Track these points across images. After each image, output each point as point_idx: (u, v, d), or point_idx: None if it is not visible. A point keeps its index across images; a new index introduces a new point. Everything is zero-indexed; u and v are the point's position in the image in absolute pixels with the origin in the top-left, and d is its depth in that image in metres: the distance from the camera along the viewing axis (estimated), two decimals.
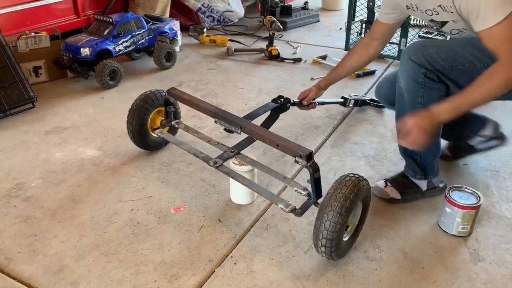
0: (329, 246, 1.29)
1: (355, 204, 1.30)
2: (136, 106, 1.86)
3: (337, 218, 1.25)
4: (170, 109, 1.91)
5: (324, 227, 1.27)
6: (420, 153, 1.59)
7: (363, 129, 2.21)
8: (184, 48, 3.34)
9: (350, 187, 1.29)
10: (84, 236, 1.51)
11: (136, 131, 1.87)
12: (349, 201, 1.27)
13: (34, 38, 2.63)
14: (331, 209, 1.26)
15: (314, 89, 2.03)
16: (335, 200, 1.26)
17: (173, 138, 1.87)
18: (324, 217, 1.26)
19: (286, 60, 3.12)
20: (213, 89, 2.68)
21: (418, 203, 1.67)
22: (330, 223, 1.26)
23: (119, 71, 2.66)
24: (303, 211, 1.40)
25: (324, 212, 1.27)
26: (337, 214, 1.25)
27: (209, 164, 1.61)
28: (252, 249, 1.46)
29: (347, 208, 1.26)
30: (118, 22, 2.67)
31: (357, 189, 1.30)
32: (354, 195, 1.28)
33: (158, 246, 1.47)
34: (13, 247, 1.46)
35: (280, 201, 1.44)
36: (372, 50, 1.86)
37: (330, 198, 1.28)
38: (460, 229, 1.50)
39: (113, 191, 1.75)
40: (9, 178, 1.82)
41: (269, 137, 1.47)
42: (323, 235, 1.27)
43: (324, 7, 4.57)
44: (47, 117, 2.33)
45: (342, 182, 1.31)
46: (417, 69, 1.44)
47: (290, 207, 1.40)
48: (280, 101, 1.92)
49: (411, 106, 1.51)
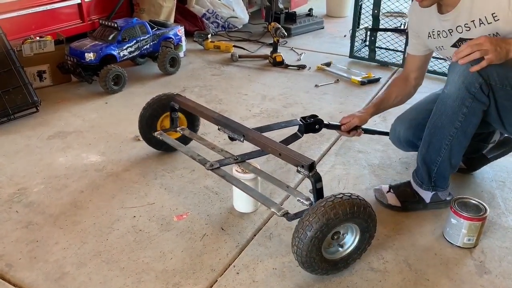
0: (301, 262, 1.29)
1: (328, 231, 1.26)
2: (157, 97, 1.90)
3: (304, 246, 1.24)
4: (175, 116, 1.90)
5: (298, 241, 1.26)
6: (440, 164, 1.55)
7: (368, 137, 2.19)
8: (188, 53, 3.34)
9: (320, 215, 1.23)
10: (86, 243, 1.50)
11: (145, 122, 1.91)
12: (319, 231, 1.23)
13: (39, 43, 2.63)
14: (302, 226, 1.25)
15: (358, 115, 1.80)
16: (303, 228, 1.25)
17: (172, 141, 1.86)
18: (295, 241, 1.26)
19: (290, 67, 3.12)
20: (217, 95, 2.67)
21: (423, 213, 1.66)
22: (298, 248, 1.26)
23: (123, 76, 2.66)
24: (296, 217, 1.37)
25: (296, 236, 1.26)
26: (306, 243, 1.24)
27: (205, 166, 1.60)
28: (255, 259, 1.44)
29: (316, 238, 1.24)
30: (123, 27, 2.68)
31: (327, 217, 1.23)
32: (323, 223, 1.23)
33: (160, 254, 1.46)
34: (14, 253, 1.45)
35: (273, 205, 1.43)
36: (412, 83, 1.79)
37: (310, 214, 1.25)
38: (465, 240, 1.48)
39: (116, 197, 1.74)
40: (11, 183, 1.81)
41: (271, 146, 1.45)
42: (297, 254, 1.28)
43: (328, 14, 4.57)
44: (50, 121, 2.33)
45: (315, 208, 1.26)
46: (475, 78, 1.37)
47: (282, 211, 1.39)
48: (306, 121, 1.72)
49: (454, 115, 1.45)
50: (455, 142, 1.49)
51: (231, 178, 1.56)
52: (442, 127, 1.49)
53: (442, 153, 1.52)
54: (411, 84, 1.79)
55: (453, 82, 1.43)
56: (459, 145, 1.50)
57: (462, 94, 1.41)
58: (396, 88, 1.83)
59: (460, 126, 1.45)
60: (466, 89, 1.40)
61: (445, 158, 1.52)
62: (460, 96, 1.41)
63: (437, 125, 1.51)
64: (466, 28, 1.45)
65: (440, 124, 1.50)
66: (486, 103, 1.41)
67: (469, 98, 1.41)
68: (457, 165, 1.58)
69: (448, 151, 1.51)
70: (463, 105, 1.42)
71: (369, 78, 2.85)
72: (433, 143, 1.53)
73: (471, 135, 1.49)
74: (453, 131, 1.47)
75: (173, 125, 1.92)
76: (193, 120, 1.99)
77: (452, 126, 1.47)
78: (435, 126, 1.51)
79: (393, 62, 3.08)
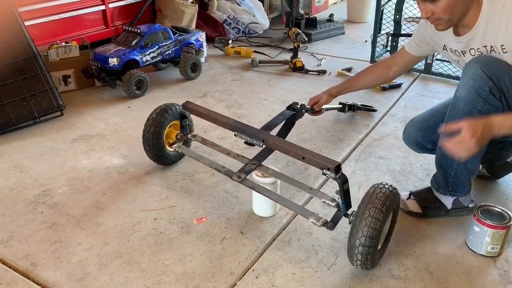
0: (365, 254, 1.28)
1: (388, 216, 1.30)
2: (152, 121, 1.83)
3: (372, 233, 1.25)
4: (186, 123, 1.90)
5: (359, 243, 1.27)
6: (456, 168, 1.53)
7: (389, 143, 2.17)
8: (209, 59, 3.37)
9: (383, 200, 1.28)
10: (108, 244, 1.53)
11: (156, 156, 1.88)
12: (382, 214, 1.26)
13: (65, 48, 2.70)
14: (365, 224, 1.25)
15: (324, 96, 2.04)
16: (368, 215, 1.26)
17: (192, 152, 1.84)
18: (359, 233, 1.26)
19: (311, 72, 3.12)
20: (237, 100, 2.69)
21: (445, 220, 1.63)
22: (365, 239, 1.26)
23: (145, 81, 2.70)
24: (335, 224, 1.38)
25: (359, 228, 1.26)
26: (372, 229, 1.25)
27: (232, 178, 1.59)
28: (274, 263, 1.45)
29: (381, 222, 1.26)
30: (146, 33, 2.72)
31: (390, 200, 1.29)
32: (387, 207, 1.27)
33: (180, 256, 1.47)
34: (38, 253, 1.49)
35: (311, 215, 1.43)
36: (390, 74, 1.92)
37: (363, 212, 1.27)
38: (489, 249, 1.45)
39: (137, 199, 1.76)
40: (36, 185, 1.86)
41: (294, 149, 1.45)
42: (358, 251, 1.28)
43: (349, 20, 4.55)
44: (74, 125, 2.38)
45: (374, 195, 1.29)
46: (485, 81, 1.38)
47: (322, 221, 1.39)
48: (296, 108, 1.94)
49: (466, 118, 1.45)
50: None
51: (261, 189, 1.55)
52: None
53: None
54: (388, 75, 1.92)
55: (463, 86, 1.44)
56: None
57: (472, 97, 1.41)
58: (373, 75, 1.97)
59: None
60: (476, 93, 1.40)
61: (460, 162, 1.51)
62: (471, 99, 1.41)
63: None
64: (478, 52, 1.47)
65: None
66: (499, 107, 1.40)
67: (480, 102, 1.40)
68: (474, 170, 1.56)
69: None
70: (474, 108, 1.41)
71: (391, 83, 2.82)
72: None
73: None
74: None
75: (184, 133, 1.92)
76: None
77: None
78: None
79: (414, 67, 3.05)
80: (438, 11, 1.39)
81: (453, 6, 1.37)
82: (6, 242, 1.53)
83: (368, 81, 1.99)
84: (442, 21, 1.43)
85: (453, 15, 1.40)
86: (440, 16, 1.41)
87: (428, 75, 3.00)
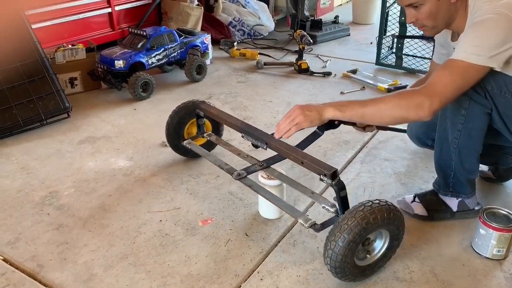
0: (333, 269, 1.28)
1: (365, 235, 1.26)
2: (183, 105, 1.93)
3: (341, 250, 1.24)
4: (201, 122, 1.93)
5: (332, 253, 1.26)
6: (455, 168, 1.54)
7: (394, 145, 2.17)
8: (214, 61, 3.38)
9: (359, 219, 1.24)
10: (113, 245, 1.54)
11: (173, 129, 1.93)
12: (357, 236, 1.23)
13: (71, 50, 2.72)
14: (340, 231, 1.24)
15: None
16: (339, 230, 1.24)
17: (200, 149, 1.88)
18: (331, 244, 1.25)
19: (316, 74, 3.12)
20: (242, 102, 2.70)
21: (451, 223, 1.63)
22: (333, 252, 1.25)
23: (151, 83, 2.71)
24: (323, 228, 1.37)
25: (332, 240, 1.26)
26: (342, 247, 1.24)
27: (232, 176, 1.61)
28: (278, 265, 1.45)
29: (354, 242, 1.24)
30: (152, 35, 2.74)
31: (367, 221, 1.24)
32: (362, 228, 1.24)
33: (185, 258, 1.48)
34: (45, 254, 1.50)
35: (300, 216, 1.43)
36: None
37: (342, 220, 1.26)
38: (495, 252, 1.44)
39: (143, 201, 1.77)
40: (43, 186, 1.87)
41: (294, 154, 1.45)
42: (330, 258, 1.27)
43: (355, 21, 4.55)
44: (81, 127, 2.40)
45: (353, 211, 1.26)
46: None
47: (310, 222, 1.38)
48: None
49: (454, 117, 1.46)
50: (462, 146, 1.47)
51: (258, 187, 1.56)
52: (447, 130, 1.50)
53: (453, 157, 1.51)
54: None
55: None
56: (467, 148, 1.48)
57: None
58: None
59: (463, 128, 1.45)
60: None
61: (457, 162, 1.51)
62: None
63: (444, 129, 1.52)
64: None
65: (445, 127, 1.50)
66: (488, 106, 1.40)
67: (466, 100, 1.41)
68: (472, 169, 1.55)
69: (458, 155, 1.50)
70: (461, 107, 1.43)
71: (396, 85, 2.82)
72: (444, 147, 1.53)
73: (478, 139, 1.46)
74: (457, 134, 1.47)
75: (200, 132, 1.95)
76: (218, 125, 2.02)
77: (455, 129, 1.47)
78: (442, 130, 1.53)
79: (420, 69, 3.04)
80: (421, 18, 1.40)
81: (436, 13, 1.38)
82: (13, 243, 1.55)
83: None
84: (427, 28, 1.44)
85: (437, 21, 1.41)
86: (424, 23, 1.42)
87: None
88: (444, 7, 1.37)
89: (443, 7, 1.37)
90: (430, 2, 1.36)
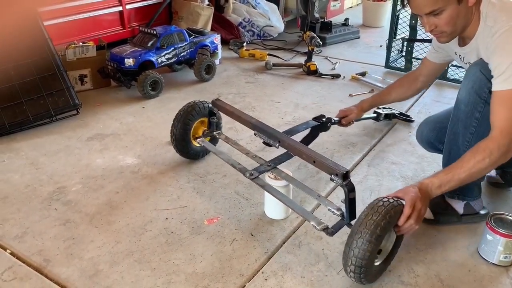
0: (358, 272, 1.26)
1: (387, 230, 1.26)
2: (183, 112, 1.91)
3: (366, 245, 1.21)
4: (214, 120, 1.94)
5: (353, 254, 1.23)
6: None
7: (402, 149, 2.16)
8: (223, 61, 3.39)
9: (383, 214, 1.24)
10: (119, 242, 1.55)
11: (180, 136, 1.92)
12: (380, 229, 1.22)
13: (82, 48, 2.74)
14: (361, 236, 1.22)
15: (355, 111, 2.05)
16: (365, 227, 1.22)
17: (213, 147, 1.90)
18: (353, 244, 1.23)
19: (324, 76, 3.11)
20: (250, 103, 2.70)
21: (457, 228, 1.62)
22: (359, 250, 1.22)
23: (160, 82, 2.73)
24: (335, 231, 1.37)
25: (354, 239, 1.23)
26: (366, 242, 1.21)
27: (245, 175, 1.62)
28: (283, 266, 1.45)
29: (377, 235, 1.22)
30: (162, 34, 2.75)
31: (390, 215, 1.24)
32: (386, 222, 1.23)
33: (191, 256, 1.48)
34: (52, 249, 1.51)
35: (313, 218, 1.43)
36: (419, 85, 1.92)
37: (360, 225, 1.24)
38: (502, 258, 1.43)
39: (149, 199, 1.78)
40: (51, 182, 1.89)
41: (306, 152, 1.46)
42: (351, 262, 1.24)
43: (365, 24, 4.54)
44: (90, 124, 2.41)
45: (375, 207, 1.26)
46: (484, 82, 1.39)
47: (322, 226, 1.38)
48: (322, 120, 1.96)
49: (467, 120, 1.46)
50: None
51: (270, 188, 1.57)
52: (459, 133, 1.49)
53: None
54: (417, 87, 1.93)
55: (464, 88, 1.46)
56: None
57: (472, 99, 1.42)
58: (401, 88, 1.97)
59: (475, 131, 1.45)
60: (476, 94, 1.41)
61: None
62: (471, 101, 1.43)
63: (454, 131, 1.51)
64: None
65: (457, 130, 1.50)
66: None
67: (480, 103, 1.41)
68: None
69: None
70: (475, 110, 1.42)
71: None
72: (453, 150, 1.52)
73: None
74: (469, 137, 1.46)
75: (211, 129, 1.96)
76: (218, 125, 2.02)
77: (467, 132, 1.47)
78: (453, 133, 1.52)
79: None
80: (441, 24, 1.39)
81: (455, 18, 1.38)
82: (21, 237, 1.56)
83: (399, 94, 1.99)
84: (445, 34, 1.44)
85: (456, 27, 1.41)
86: (443, 29, 1.42)
87: (443, 81, 2.98)
88: (463, 11, 1.37)
89: (462, 12, 1.37)
90: (451, 7, 1.35)
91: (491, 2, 1.38)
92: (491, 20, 1.36)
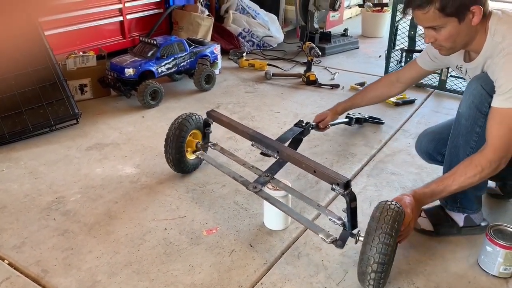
0: (377, 279, 1.26)
1: (398, 233, 1.28)
2: (172, 136, 1.87)
3: (386, 249, 1.23)
4: (209, 131, 1.94)
5: (373, 261, 1.23)
6: None
7: (401, 159, 2.16)
8: (223, 71, 3.41)
9: (393, 216, 1.26)
10: (118, 253, 1.54)
11: (176, 161, 1.91)
12: (395, 231, 1.25)
13: (82, 57, 2.75)
14: (379, 241, 1.23)
15: (330, 114, 2.13)
16: (381, 231, 1.23)
17: (213, 160, 1.88)
18: (372, 250, 1.23)
19: (324, 86, 3.12)
20: (250, 112, 2.71)
21: (457, 239, 1.61)
22: (379, 256, 1.23)
23: (160, 92, 2.73)
24: (344, 243, 1.37)
25: (372, 245, 1.24)
26: (385, 245, 1.22)
27: (248, 188, 1.61)
28: (282, 277, 1.44)
29: (394, 238, 1.24)
30: (162, 44, 2.77)
31: (400, 217, 1.27)
32: (398, 224, 1.26)
33: (189, 267, 1.48)
34: (50, 260, 1.50)
35: (321, 231, 1.42)
36: (394, 91, 1.95)
37: (376, 229, 1.24)
38: (502, 269, 1.43)
39: (148, 209, 1.78)
40: (50, 191, 1.89)
41: (306, 162, 1.46)
42: (372, 269, 1.24)
43: (364, 34, 4.56)
44: (89, 133, 2.42)
45: (384, 211, 1.27)
46: (485, 98, 1.39)
47: (331, 238, 1.38)
48: (302, 125, 2.04)
49: (468, 135, 1.46)
50: None
51: (275, 200, 1.56)
52: (459, 146, 1.50)
53: None
54: (392, 92, 1.96)
55: (464, 102, 1.47)
56: None
57: (473, 113, 1.43)
58: (377, 91, 2.00)
59: (475, 146, 1.45)
60: (476, 109, 1.42)
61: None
62: (472, 115, 1.44)
63: (455, 145, 1.52)
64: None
65: (457, 143, 1.51)
66: None
67: (481, 118, 1.42)
68: (481, 187, 1.54)
69: None
70: (476, 124, 1.43)
71: (404, 99, 2.82)
72: (454, 163, 1.51)
73: None
74: (469, 151, 1.47)
75: (205, 141, 1.95)
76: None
77: (467, 146, 1.47)
78: (454, 146, 1.53)
79: (428, 83, 3.04)
80: (440, 39, 1.41)
81: (455, 36, 1.39)
82: (19, 247, 1.56)
83: (372, 98, 2.04)
84: (444, 48, 1.45)
85: (455, 43, 1.42)
86: (442, 44, 1.43)
87: (442, 91, 2.99)
88: (464, 30, 1.38)
89: (463, 31, 1.38)
90: (451, 26, 1.36)
91: (500, 18, 1.38)
92: (499, 36, 1.36)
